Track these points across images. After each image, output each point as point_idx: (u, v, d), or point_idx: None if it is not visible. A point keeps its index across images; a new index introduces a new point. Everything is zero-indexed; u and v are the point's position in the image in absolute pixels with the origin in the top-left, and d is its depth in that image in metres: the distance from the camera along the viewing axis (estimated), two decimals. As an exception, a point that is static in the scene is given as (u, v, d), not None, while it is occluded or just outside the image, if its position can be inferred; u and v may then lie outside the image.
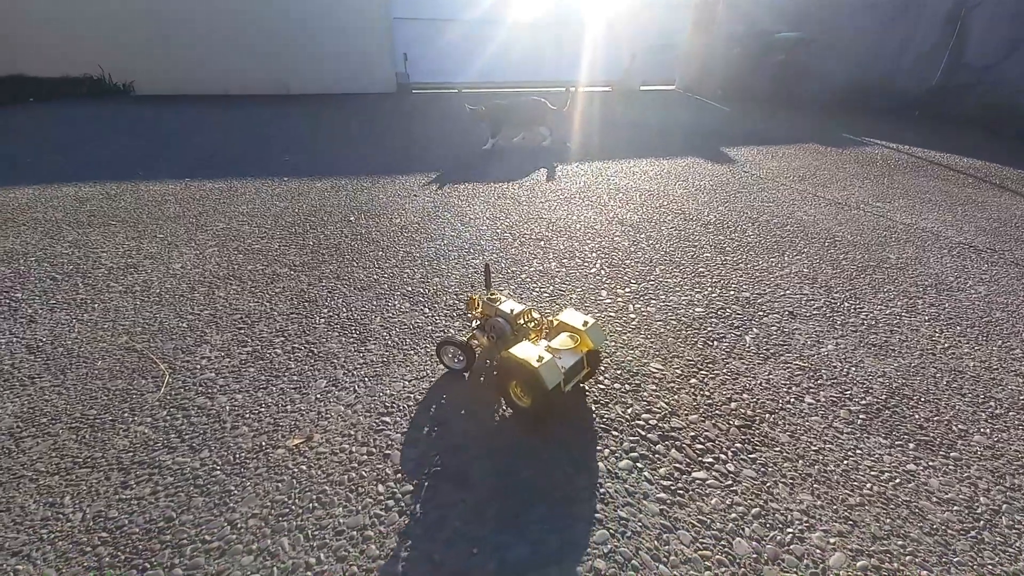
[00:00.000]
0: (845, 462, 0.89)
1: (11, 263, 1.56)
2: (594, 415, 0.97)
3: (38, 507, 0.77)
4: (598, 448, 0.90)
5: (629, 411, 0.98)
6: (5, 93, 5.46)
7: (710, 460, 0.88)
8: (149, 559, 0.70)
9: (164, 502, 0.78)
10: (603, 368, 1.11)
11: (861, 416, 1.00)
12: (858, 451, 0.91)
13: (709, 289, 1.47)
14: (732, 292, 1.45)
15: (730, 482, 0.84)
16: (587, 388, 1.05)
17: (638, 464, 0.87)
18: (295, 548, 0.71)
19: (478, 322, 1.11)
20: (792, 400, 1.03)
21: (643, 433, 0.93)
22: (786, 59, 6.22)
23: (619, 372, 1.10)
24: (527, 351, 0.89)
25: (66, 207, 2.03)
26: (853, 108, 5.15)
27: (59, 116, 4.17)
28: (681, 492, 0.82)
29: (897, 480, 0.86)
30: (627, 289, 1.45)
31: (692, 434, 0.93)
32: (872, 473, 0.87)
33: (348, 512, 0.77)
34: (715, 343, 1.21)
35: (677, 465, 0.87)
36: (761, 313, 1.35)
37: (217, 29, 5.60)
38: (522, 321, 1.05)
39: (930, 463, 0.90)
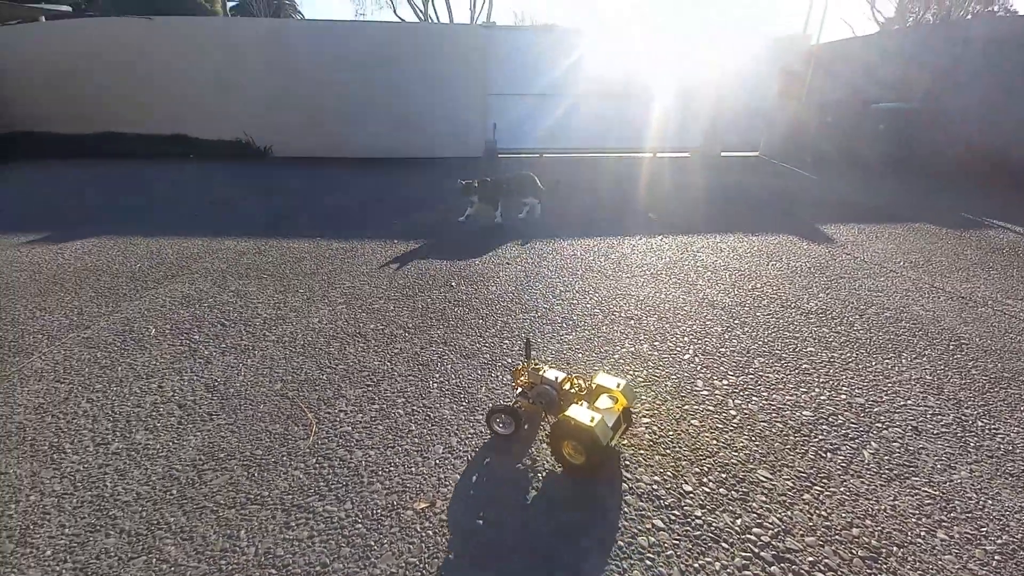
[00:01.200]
0: (994, 619, 0.81)
1: (189, 307, 1.93)
2: (700, 528, 0.98)
3: (217, 538, 0.94)
4: (707, 559, 0.90)
5: (739, 522, 0.98)
6: (172, 149, 6.76)
7: (830, 590, 0.85)
8: (310, 600, 0.82)
9: (319, 547, 0.91)
10: (704, 470, 1.12)
11: (996, 557, 0.91)
12: (1010, 608, 0.83)
13: (817, 390, 1.42)
14: (843, 396, 1.39)
15: (855, 620, 0.80)
16: (624, 452, 1.06)
17: (750, 582, 0.86)
18: (427, 613, 0.80)
19: (520, 390, 1.23)
20: (923, 534, 0.96)
21: (756, 550, 0.92)
22: (887, 128, 5.94)
23: (723, 476, 1.10)
24: (581, 414, 1.03)
25: (228, 258, 2.47)
26: (966, 182, 4.73)
27: (215, 173, 5.08)
28: (800, 622, 0.79)
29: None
30: (724, 382, 1.45)
31: (811, 559, 0.90)
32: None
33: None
34: (828, 455, 1.16)
35: (793, 590, 0.85)
36: (879, 425, 1.28)
37: (340, 104, 6.61)
38: (567, 387, 1.17)
39: (1108, 639, 0.78)
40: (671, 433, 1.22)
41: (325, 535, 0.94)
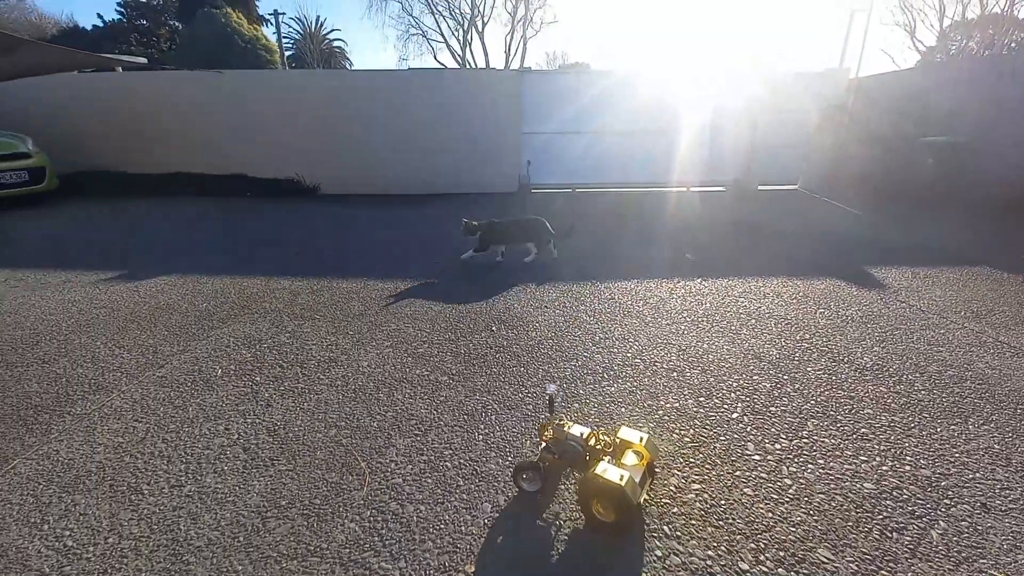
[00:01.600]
0: None
1: (251, 347, 2.06)
2: (759, 602, 0.95)
3: None
4: (769, 646, 0.87)
5: (799, 606, 0.94)
6: (233, 187, 7.29)
7: None
8: (369, 665, 0.84)
9: (376, 608, 0.94)
10: (760, 546, 1.08)
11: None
12: None
13: (878, 459, 1.36)
14: (908, 467, 1.32)
15: None
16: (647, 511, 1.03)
17: None
18: None
19: (545, 445, 1.23)
20: (1008, 634, 0.89)
21: (821, 641, 0.88)
22: (935, 163, 5.73)
23: (782, 554, 1.06)
24: (611, 472, 1.05)
25: (284, 299, 2.63)
26: (1021, 220, 4.45)
27: (270, 210, 5.44)
28: None
29: None
30: (777, 446, 1.41)
31: (883, 657, 0.85)
32: None
33: (525, 660, 0.85)
34: (894, 535, 1.10)
35: None
36: (948, 501, 1.20)
37: (384, 144, 7.02)
38: (592, 442, 1.18)
39: None
40: (723, 502, 1.19)
41: (381, 595, 0.97)
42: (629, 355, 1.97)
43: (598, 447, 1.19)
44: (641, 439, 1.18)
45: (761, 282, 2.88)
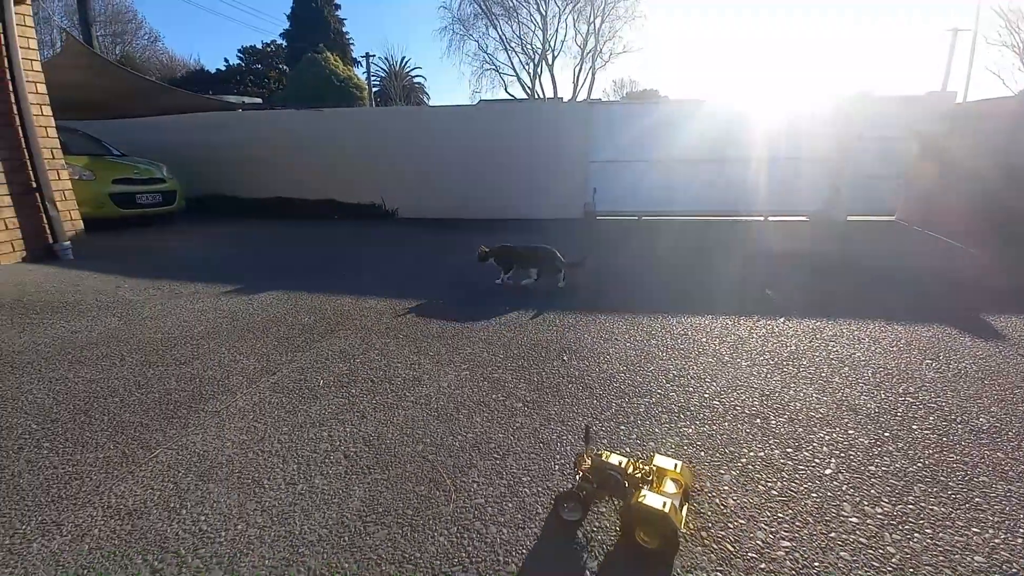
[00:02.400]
0: None
1: (346, 361, 2.28)
2: None
3: None
4: None
5: None
6: (323, 211, 8.05)
7: None
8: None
9: (466, 621, 1.01)
10: (863, 614, 1.02)
11: None
12: None
13: (991, 531, 1.21)
14: (1021, 541, 1.17)
15: None
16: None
17: None
18: None
19: (581, 475, 1.26)
20: None
21: None
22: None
23: (886, 627, 0.99)
24: (654, 500, 1.11)
25: (372, 317, 2.88)
26: None
27: (355, 231, 5.96)
28: None
29: None
30: (878, 510, 1.31)
31: None
32: None
33: None
34: (1025, 626, 0.99)
35: None
36: (1096, 597, 1.05)
37: (457, 172, 7.45)
38: (630, 471, 1.23)
39: None
40: (817, 564, 1.13)
41: (471, 609, 1.04)
42: (707, 396, 1.93)
43: (637, 475, 1.23)
44: (676, 466, 1.26)
45: (855, 325, 2.67)
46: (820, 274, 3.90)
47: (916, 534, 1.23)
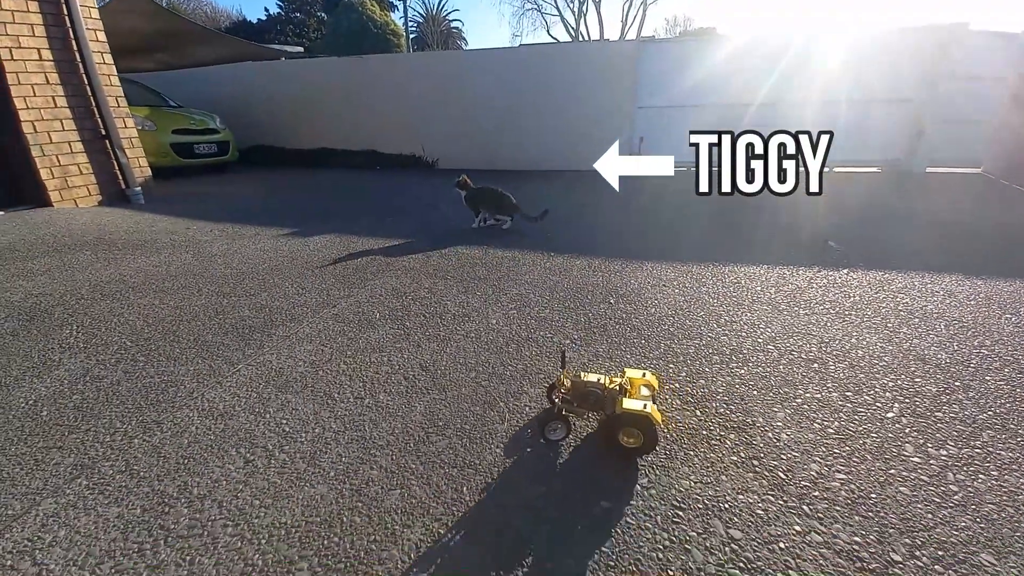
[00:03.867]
0: None
1: (398, 298, 2.38)
2: (915, 595, 0.91)
3: (447, 489, 1.18)
4: (926, 636, 0.84)
5: (966, 608, 0.89)
6: (365, 161, 8.12)
7: None
8: None
9: (521, 518, 1.10)
10: (916, 542, 1.02)
11: None
12: None
13: (1075, 482, 1.16)
14: (1124, 500, 1.11)
15: None
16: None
17: None
18: (624, 600, 0.91)
19: (560, 397, 1.32)
20: None
21: (995, 645, 0.83)
22: None
23: (940, 553, 0.99)
24: (635, 404, 1.22)
25: (419, 259, 2.96)
26: None
27: (397, 181, 6.02)
28: None
29: None
30: (943, 452, 1.27)
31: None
32: None
33: (661, 588, 0.93)
34: (1099, 564, 0.96)
35: None
36: None
37: (495, 121, 7.24)
38: (609, 385, 1.30)
39: None
40: (874, 496, 1.13)
41: (534, 503, 1.12)
42: (760, 341, 1.89)
43: (614, 387, 1.30)
44: (644, 374, 1.36)
45: (928, 278, 2.49)
46: (891, 227, 3.61)
47: (981, 475, 1.19)
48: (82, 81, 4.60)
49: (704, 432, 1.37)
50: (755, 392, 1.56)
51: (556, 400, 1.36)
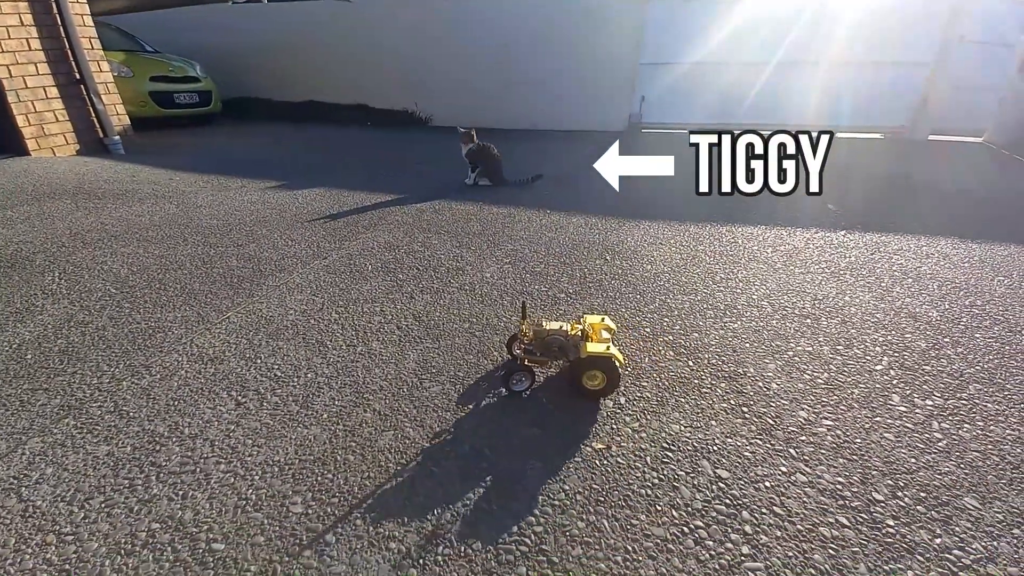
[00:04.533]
0: None
1: (391, 251, 2.33)
2: (892, 536, 0.94)
3: (440, 430, 1.19)
4: (898, 566, 0.87)
5: (937, 542, 0.92)
6: (354, 117, 7.82)
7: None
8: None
9: (523, 448, 1.11)
10: (899, 484, 1.05)
11: None
12: None
13: (1056, 431, 1.19)
14: (1101, 446, 1.15)
15: None
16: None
17: (955, 603, 0.81)
18: (615, 532, 0.93)
19: (524, 348, 1.34)
20: None
21: (954, 570, 0.86)
22: None
23: (923, 495, 1.02)
24: (599, 347, 1.24)
25: (412, 214, 2.88)
26: None
27: (390, 138, 5.81)
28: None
29: None
30: (928, 402, 1.30)
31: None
32: None
33: (650, 521, 0.96)
34: (1071, 504, 1.00)
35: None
36: None
37: (488, 78, 6.94)
38: (571, 332, 1.31)
39: None
40: (859, 441, 1.16)
41: (527, 444, 1.13)
42: (755, 297, 1.89)
43: (576, 334, 1.31)
44: (603, 319, 1.38)
45: (924, 241, 2.49)
46: (889, 192, 3.57)
47: (966, 425, 1.22)
48: (55, 22, 4.28)
49: (696, 381, 1.38)
50: (747, 345, 1.56)
51: (518, 351, 1.36)
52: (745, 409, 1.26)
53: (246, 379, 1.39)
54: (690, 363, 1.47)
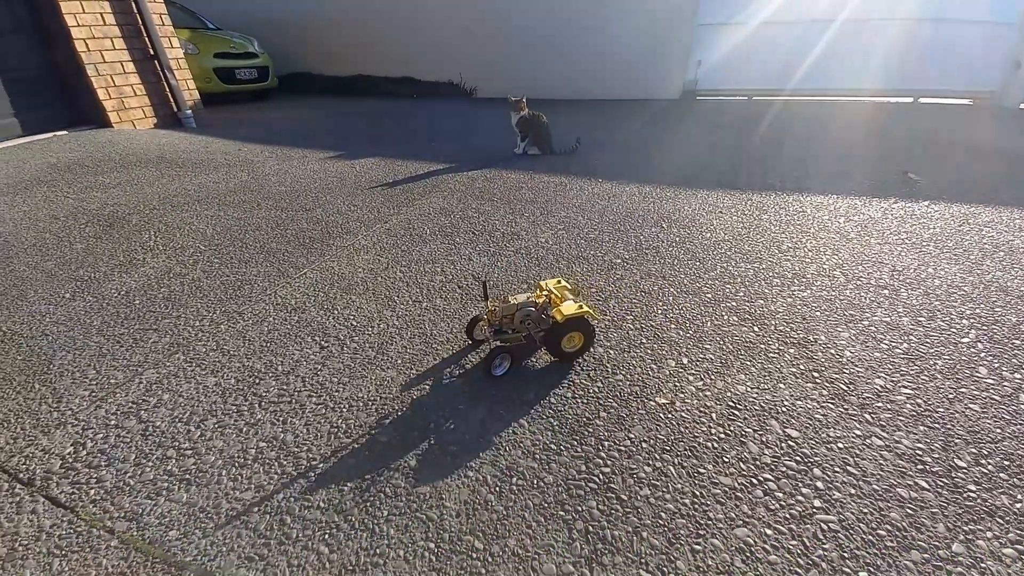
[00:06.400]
0: None
1: (447, 216, 2.39)
2: (972, 500, 0.91)
3: (498, 392, 1.25)
4: (978, 527, 0.85)
5: (1018, 506, 0.89)
6: (401, 89, 7.88)
7: None
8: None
9: (579, 406, 1.15)
10: (982, 452, 1.01)
11: None
12: None
13: None
14: None
15: None
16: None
17: (1045, 568, 0.79)
18: (681, 477, 0.96)
19: (497, 327, 1.28)
20: None
21: (1061, 540, 0.83)
22: None
23: (1006, 463, 0.98)
24: (572, 309, 1.21)
25: (465, 183, 2.93)
26: None
27: (435, 108, 5.83)
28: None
29: None
30: (1017, 375, 1.22)
31: None
32: None
33: (717, 471, 0.98)
34: None
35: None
36: None
37: (534, 48, 6.74)
38: (540, 301, 1.29)
39: None
40: (941, 410, 1.11)
41: (589, 395, 1.17)
42: (826, 267, 1.80)
43: (546, 303, 1.29)
44: (559, 280, 1.37)
45: (1018, 214, 2.26)
46: (978, 162, 3.24)
47: (1064, 400, 1.15)
48: (128, -1, 4.56)
49: (762, 346, 1.36)
50: (818, 313, 1.51)
51: (488, 335, 1.30)
52: (816, 374, 1.24)
53: (326, 327, 1.50)
54: (755, 328, 1.44)
